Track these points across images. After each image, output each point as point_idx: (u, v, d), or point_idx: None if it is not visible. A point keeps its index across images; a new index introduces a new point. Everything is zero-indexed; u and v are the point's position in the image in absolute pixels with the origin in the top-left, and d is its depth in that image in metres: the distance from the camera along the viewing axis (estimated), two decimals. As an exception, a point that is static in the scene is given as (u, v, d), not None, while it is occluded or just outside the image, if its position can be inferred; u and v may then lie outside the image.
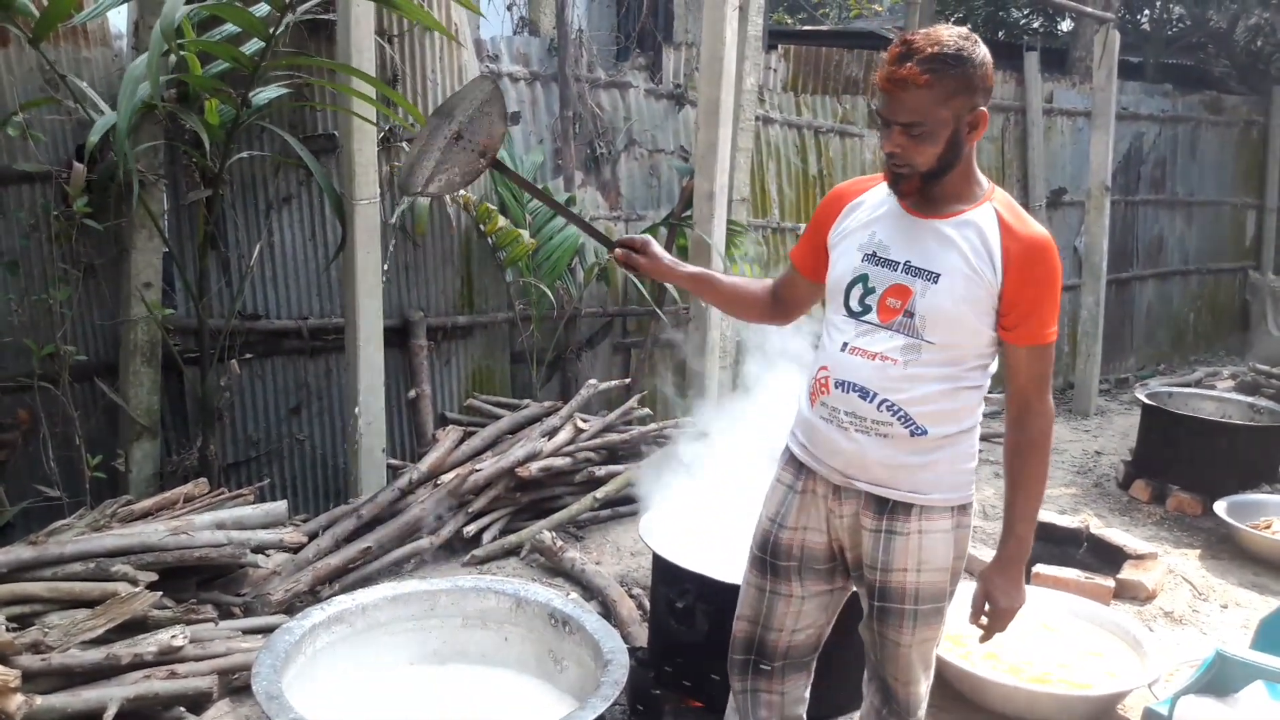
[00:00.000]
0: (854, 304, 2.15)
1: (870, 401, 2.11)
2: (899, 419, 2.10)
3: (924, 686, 2.33)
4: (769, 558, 2.31)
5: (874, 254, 2.15)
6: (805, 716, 2.48)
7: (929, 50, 1.96)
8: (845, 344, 2.14)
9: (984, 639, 2.30)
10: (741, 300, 2.53)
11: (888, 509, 2.16)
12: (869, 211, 2.21)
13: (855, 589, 2.34)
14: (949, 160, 2.05)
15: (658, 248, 2.42)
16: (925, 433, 2.11)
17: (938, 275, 2.07)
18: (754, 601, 2.36)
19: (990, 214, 2.10)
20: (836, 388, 2.15)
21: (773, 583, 2.32)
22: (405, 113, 4.67)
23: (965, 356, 2.12)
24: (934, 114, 1.99)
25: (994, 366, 2.22)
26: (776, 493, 2.34)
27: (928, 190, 2.10)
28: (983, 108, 2.04)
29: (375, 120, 4.37)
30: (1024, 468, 2.20)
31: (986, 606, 2.25)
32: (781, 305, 2.49)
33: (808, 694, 2.48)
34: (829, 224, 2.27)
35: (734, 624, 2.43)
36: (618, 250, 2.42)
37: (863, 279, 2.14)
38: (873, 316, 2.13)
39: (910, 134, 2.01)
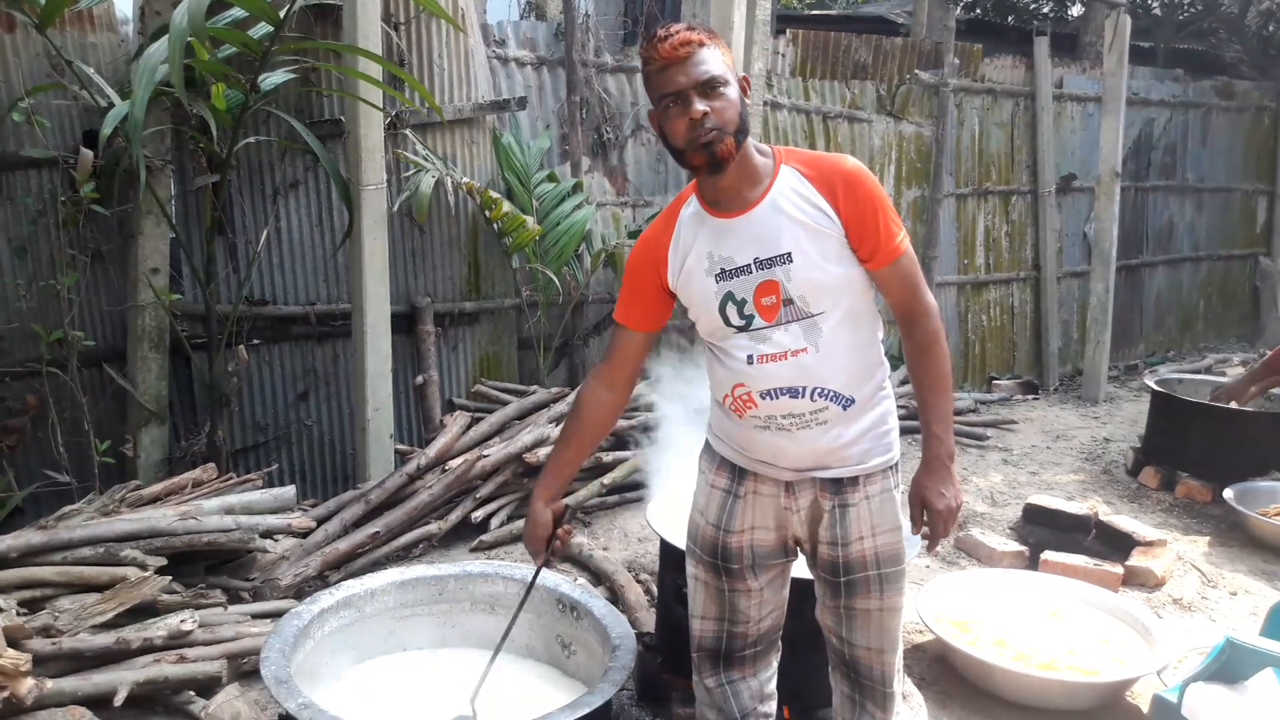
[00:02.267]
0: (735, 320, 2.14)
1: (803, 397, 2.11)
2: (831, 399, 2.12)
3: (897, 660, 2.33)
4: (721, 562, 2.31)
5: (723, 270, 2.14)
6: (775, 690, 2.49)
7: (685, 28, 2.04)
8: (751, 356, 2.13)
9: (930, 547, 2.29)
10: (599, 430, 2.42)
11: (841, 486, 2.19)
12: (692, 238, 2.19)
13: (812, 575, 2.33)
14: (745, 119, 2.07)
15: (539, 516, 2.32)
16: (853, 401, 2.14)
17: (789, 254, 2.08)
18: (716, 600, 2.35)
19: (792, 174, 2.12)
20: (764, 399, 2.13)
21: (729, 582, 2.31)
22: (412, 94, 4.67)
23: (855, 307, 2.14)
24: (722, 67, 2.03)
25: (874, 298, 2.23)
26: (714, 498, 2.31)
27: (735, 166, 2.08)
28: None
29: (382, 104, 4.35)
30: (928, 368, 2.21)
31: (925, 515, 2.23)
32: (624, 386, 2.38)
33: (775, 668, 2.48)
34: (663, 270, 2.23)
35: (696, 624, 2.40)
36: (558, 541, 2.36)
37: (729, 296, 2.13)
38: (759, 322, 2.12)
39: (711, 90, 2.02)
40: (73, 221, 4.05)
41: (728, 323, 2.15)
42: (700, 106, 2.01)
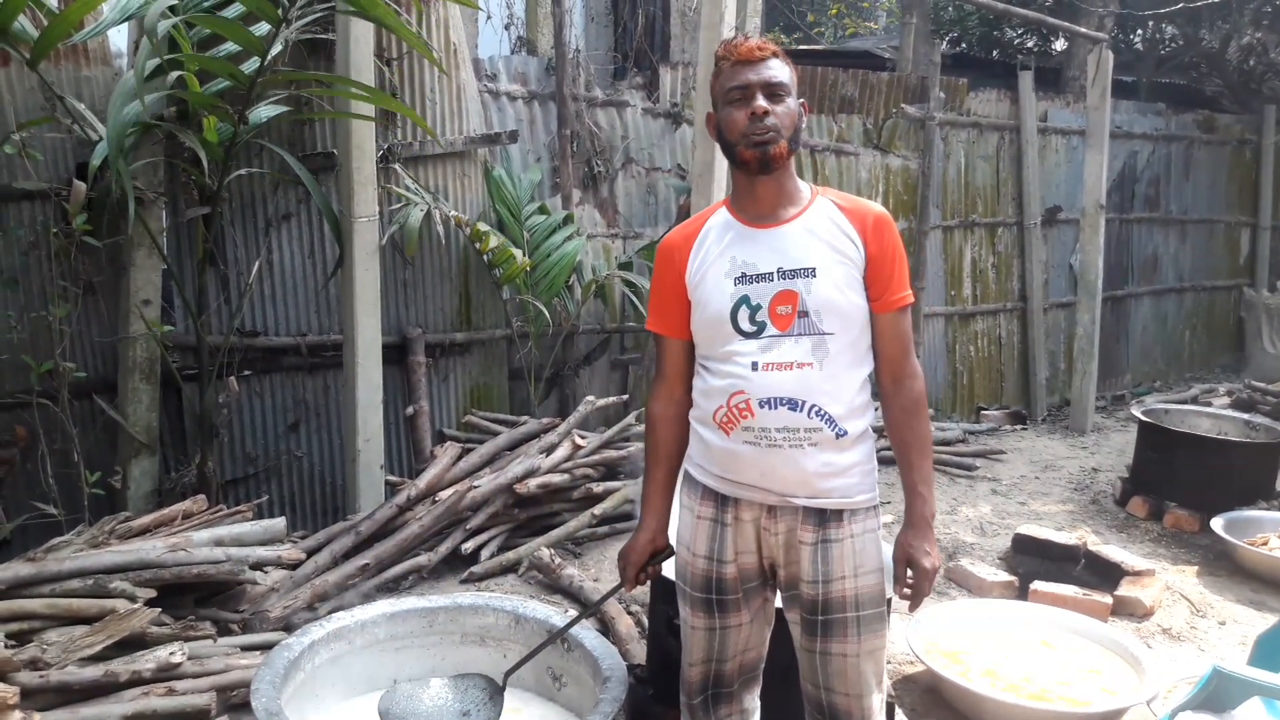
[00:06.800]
0: (746, 325, 2.16)
1: (801, 411, 2.12)
2: (826, 423, 2.14)
3: (877, 701, 2.29)
4: (715, 595, 2.29)
5: (744, 274, 2.17)
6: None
7: (763, 40, 2.20)
8: (755, 364, 2.14)
9: (913, 607, 2.30)
10: (681, 442, 2.38)
11: (825, 519, 2.19)
12: (717, 242, 2.23)
13: (788, 616, 2.31)
14: (798, 134, 2.18)
15: (641, 546, 2.40)
16: (845, 433, 2.16)
17: (813, 269, 2.14)
18: (704, 643, 2.34)
19: (827, 204, 2.22)
20: (762, 407, 2.14)
21: (721, 619, 2.31)
22: (404, 126, 4.70)
23: (859, 341, 2.19)
24: (789, 79, 2.16)
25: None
26: (701, 529, 2.29)
27: (777, 177, 2.18)
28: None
29: (374, 130, 4.38)
30: (912, 429, 2.25)
31: (909, 574, 2.25)
32: (685, 393, 2.35)
33: (758, 700, 2.48)
34: (681, 274, 2.26)
35: (686, 670, 2.39)
36: (648, 574, 2.44)
37: (744, 300, 2.16)
38: (770, 330, 2.15)
39: (776, 94, 2.13)
40: (64, 253, 4.05)
41: (738, 327, 2.17)
42: (762, 103, 2.11)
